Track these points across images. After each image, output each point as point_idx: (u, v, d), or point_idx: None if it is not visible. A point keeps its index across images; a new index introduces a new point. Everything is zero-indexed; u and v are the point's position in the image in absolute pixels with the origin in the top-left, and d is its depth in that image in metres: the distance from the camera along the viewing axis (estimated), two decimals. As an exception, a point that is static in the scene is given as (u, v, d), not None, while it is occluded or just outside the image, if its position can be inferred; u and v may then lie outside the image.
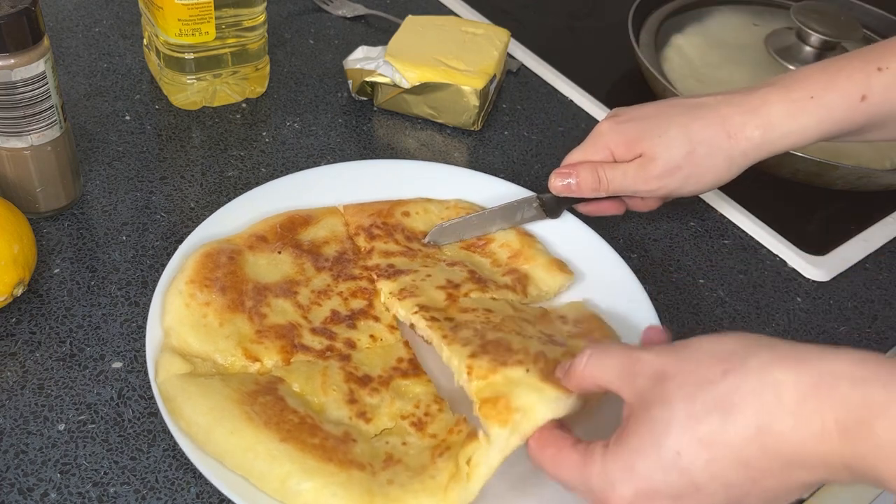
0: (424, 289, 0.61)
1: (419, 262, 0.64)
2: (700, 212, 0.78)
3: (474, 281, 0.62)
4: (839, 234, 0.77)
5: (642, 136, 0.64)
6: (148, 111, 0.79)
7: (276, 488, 0.48)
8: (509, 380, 0.49)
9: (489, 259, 0.66)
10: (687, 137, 0.63)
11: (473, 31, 0.85)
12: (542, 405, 0.48)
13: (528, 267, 0.65)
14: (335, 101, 0.84)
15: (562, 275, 0.64)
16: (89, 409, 0.56)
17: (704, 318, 0.68)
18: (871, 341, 0.68)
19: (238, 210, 0.65)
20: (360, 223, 0.66)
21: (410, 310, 0.58)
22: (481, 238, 0.67)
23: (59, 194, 0.67)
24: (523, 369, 0.50)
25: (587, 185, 0.65)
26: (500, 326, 0.55)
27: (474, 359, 0.51)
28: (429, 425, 0.53)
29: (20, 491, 0.51)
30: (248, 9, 0.76)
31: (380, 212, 0.67)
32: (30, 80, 0.59)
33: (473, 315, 0.57)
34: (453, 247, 0.66)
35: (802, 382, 0.39)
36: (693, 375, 0.41)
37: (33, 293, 0.62)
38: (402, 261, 0.64)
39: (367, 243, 0.65)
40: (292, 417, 0.51)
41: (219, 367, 0.55)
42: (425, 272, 0.62)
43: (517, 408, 0.48)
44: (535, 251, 0.66)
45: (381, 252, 0.64)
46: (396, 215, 0.67)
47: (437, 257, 0.65)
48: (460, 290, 0.61)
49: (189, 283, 0.58)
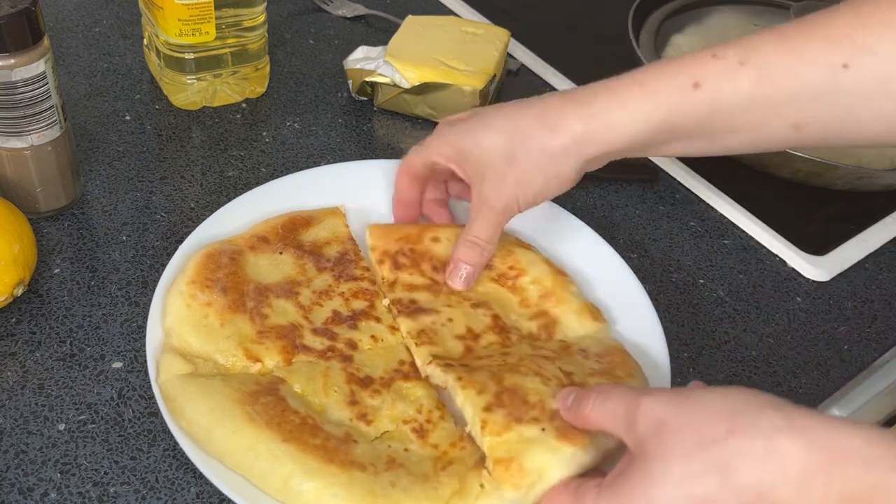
0: (443, 336, 0.58)
1: (442, 301, 0.61)
2: (700, 212, 0.78)
3: (496, 331, 0.59)
4: (839, 234, 0.77)
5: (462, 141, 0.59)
6: (148, 111, 0.79)
7: (277, 488, 0.48)
8: (524, 438, 0.48)
9: (518, 297, 0.62)
10: (506, 138, 0.57)
11: (473, 31, 0.85)
12: (557, 466, 0.47)
13: (558, 311, 0.61)
14: (335, 101, 0.84)
15: (594, 323, 0.60)
16: (89, 409, 0.56)
17: (704, 318, 0.68)
18: (870, 341, 0.68)
19: (238, 210, 0.65)
20: (386, 248, 0.63)
21: (425, 360, 0.56)
22: (513, 268, 0.63)
23: (59, 194, 0.67)
24: (539, 428, 0.49)
25: (477, 258, 0.60)
26: (517, 367, 0.53)
27: (489, 413, 0.50)
28: (430, 433, 0.53)
29: (20, 491, 0.51)
30: (248, 9, 0.76)
31: (408, 236, 0.64)
32: (30, 80, 0.59)
33: (488, 361, 0.55)
34: (482, 278, 0.62)
35: (811, 458, 0.38)
36: (695, 431, 0.40)
37: (33, 293, 0.62)
38: (426, 297, 0.61)
39: (392, 273, 0.62)
40: (293, 418, 0.51)
41: (220, 367, 0.55)
42: (447, 315, 0.59)
43: (531, 470, 0.47)
44: (569, 294, 0.62)
45: (404, 285, 0.61)
46: (425, 241, 0.64)
47: (463, 294, 0.61)
48: (479, 342, 0.58)
49: (190, 283, 0.58)
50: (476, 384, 0.52)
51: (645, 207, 0.78)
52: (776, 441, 0.38)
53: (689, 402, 0.42)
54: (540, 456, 0.47)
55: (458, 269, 0.61)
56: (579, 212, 0.69)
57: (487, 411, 0.50)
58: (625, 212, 0.77)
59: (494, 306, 0.61)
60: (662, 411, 0.42)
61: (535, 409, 0.50)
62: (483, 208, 0.59)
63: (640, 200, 0.78)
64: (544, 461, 0.47)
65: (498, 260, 0.63)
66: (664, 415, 0.41)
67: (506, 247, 0.64)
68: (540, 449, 0.48)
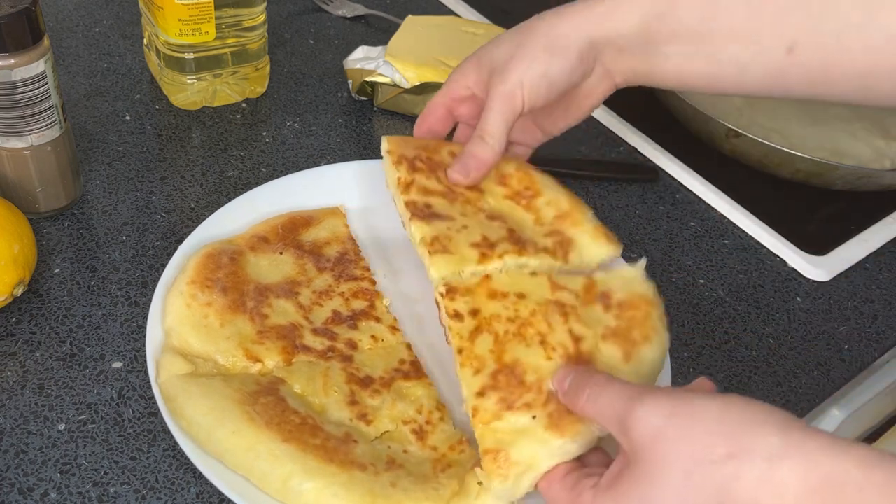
0: (458, 243, 0.56)
1: (458, 209, 0.59)
2: (700, 212, 0.78)
3: (512, 241, 0.57)
4: (839, 234, 0.77)
5: (483, 54, 0.61)
6: (148, 111, 0.79)
7: (277, 488, 0.48)
8: (514, 428, 0.48)
9: (533, 215, 0.61)
10: (516, 35, 0.60)
11: (473, 31, 0.85)
12: (545, 457, 0.47)
13: (574, 231, 0.60)
14: (335, 101, 0.84)
15: (608, 244, 0.59)
16: (89, 409, 0.56)
17: (704, 318, 0.68)
18: (871, 341, 0.68)
19: (238, 210, 0.65)
20: (403, 152, 0.61)
21: (438, 287, 0.54)
22: (528, 188, 0.62)
23: (59, 194, 0.67)
24: (530, 416, 0.48)
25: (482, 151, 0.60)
26: (526, 325, 0.52)
27: (481, 399, 0.49)
28: (430, 435, 0.53)
29: (20, 491, 0.51)
30: (248, 9, 0.76)
31: (426, 146, 0.62)
32: (30, 80, 0.59)
33: (502, 305, 0.53)
34: (497, 195, 0.61)
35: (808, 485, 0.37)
36: (692, 448, 0.40)
37: (33, 293, 0.62)
38: (441, 203, 0.59)
39: (408, 175, 0.60)
40: (293, 418, 0.51)
41: (220, 367, 0.55)
42: (462, 222, 0.58)
43: (517, 462, 0.47)
44: (584, 216, 0.61)
45: (420, 188, 0.59)
46: (443, 153, 0.62)
47: (478, 205, 0.60)
48: (495, 250, 0.56)
49: (190, 283, 0.58)
50: (475, 361, 0.51)
51: (645, 207, 0.78)
52: (774, 467, 0.38)
53: (686, 412, 0.41)
54: (528, 447, 0.47)
55: (459, 161, 0.60)
56: (579, 212, 0.69)
57: (480, 396, 0.49)
58: (625, 212, 0.77)
59: (509, 221, 0.60)
60: (659, 422, 0.41)
61: (529, 393, 0.49)
62: (489, 99, 0.59)
63: (640, 200, 0.78)
64: (532, 452, 0.47)
65: (514, 180, 0.62)
66: (661, 425, 0.41)
67: (522, 168, 0.63)
68: (528, 440, 0.47)
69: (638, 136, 0.84)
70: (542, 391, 0.49)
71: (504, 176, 0.63)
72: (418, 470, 0.51)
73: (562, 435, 0.47)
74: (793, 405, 0.63)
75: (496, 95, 0.59)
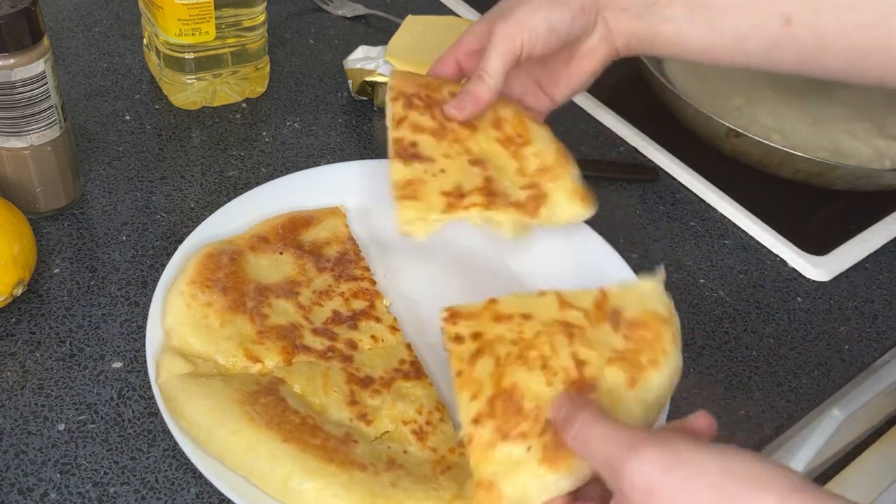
0: (429, 189, 0.58)
1: (443, 149, 0.60)
2: (700, 212, 0.78)
3: (485, 193, 0.58)
4: (839, 234, 0.77)
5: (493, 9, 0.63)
6: (148, 111, 0.79)
7: (277, 488, 0.48)
8: (509, 459, 0.46)
9: (518, 164, 0.61)
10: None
11: (473, 31, 0.85)
12: (537, 493, 0.45)
13: (551, 186, 0.60)
14: (335, 101, 0.84)
15: (581, 206, 0.60)
16: (89, 409, 0.55)
17: (704, 318, 0.68)
18: (871, 341, 0.68)
19: (238, 210, 0.65)
20: (403, 89, 0.62)
21: (441, 315, 0.53)
22: (521, 135, 0.62)
23: (59, 194, 0.67)
24: (525, 447, 0.46)
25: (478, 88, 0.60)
26: (529, 348, 0.50)
27: (477, 426, 0.47)
28: (430, 436, 0.53)
29: (20, 491, 0.51)
30: (248, 9, 0.75)
31: (428, 84, 0.63)
32: (29, 79, 0.59)
33: (507, 327, 0.51)
34: (489, 136, 0.62)
35: None
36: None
37: (33, 293, 0.62)
38: (428, 141, 0.60)
39: (403, 111, 0.61)
40: (293, 418, 0.51)
41: (220, 367, 0.55)
42: (442, 164, 0.59)
43: (509, 497, 0.45)
44: (566, 172, 0.61)
45: (411, 124, 0.60)
46: (444, 92, 0.63)
47: (466, 145, 0.61)
48: (463, 200, 0.58)
49: (190, 283, 0.58)
50: (472, 385, 0.49)
51: (645, 207, 0.78)
52: None
53: (684, 469, 0.39)
54: (521, 481, 0.45)
55: (458, 97, 0.61)
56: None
57: (476, 423, 0.48)
58: (625, 212, 0.77)
59: (491, 167, 0.60)
60: (651, 478, 0.39)
61: (526, 422, 0.47)
62: (491, 42, 0.60)
63: (640, 200, 0.78)
64: (525, 486, 0.45)
65: (509, 126, 0.63)
66: (653, 482, 0.39)
67: (519, 115, 0.64)
68: (522, 473, 0.46)
69: (638, 136, 0.84)
70: (538, 420, 0.47)
71: (500, 119, 0.63)
72: (418, 470, 0.51)
73: (556, 470, 0.45)
74: (793, 405, 0.63)
75: (497, 36, 0.60)
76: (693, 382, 0.63)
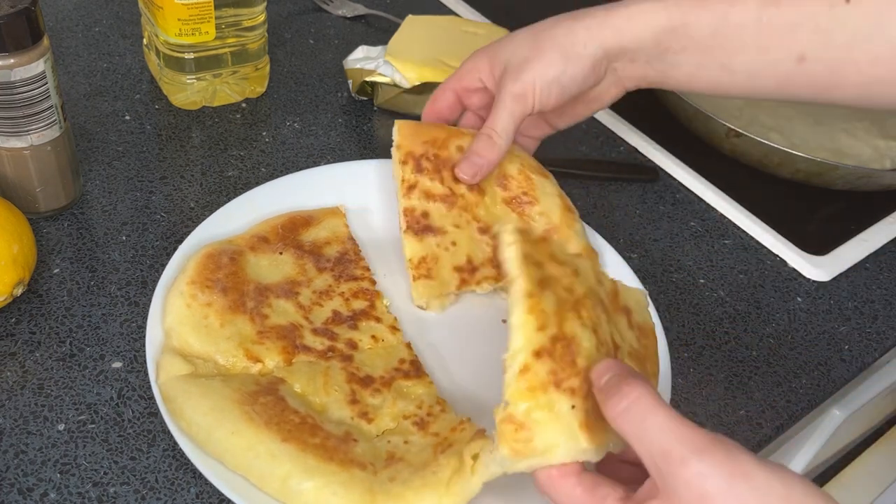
0: (442, 266, 0.61)
1: (452, 219, 0.63)
2: (700, 212, 0.78)
3: (493, 264, 0.62)
4: (839, 234, 0.77)
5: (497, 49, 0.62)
6: (148, 111, 0.79)
7: (276, 488, 0.48)
8: (550, 407, 0.43)
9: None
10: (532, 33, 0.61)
11: (473, 31, 0.85)
12: (562, 453, 0.42)
13: None
14: (335, 101, 0.84)
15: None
16: (89, 409, 0.55)
17: (704, 318, 0.68)
18: (871, 341, 0.68)
19: (238, 210, 0.65)
20: (412, 149, 0.64)
21: (507, 228, 0.47)
22: (527, 194, 0.64)
23: (59, 194, 0.67)
24: (570, 404, 0.43)
25: (489, 151, 0.61)
26: (580, 305, 0.46)
27: (536, 360, 0.43)
28: (431, 424, 0.53)
29: (20, 491, 0.51)
30: (248, 9, 0.75)
31: (435, 140, 0.64)
32: (29, 79, 0.59)
33: (561, 271, 0.47)
34: (496, 197, 0.65)
35: None
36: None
37: (33, 293, 0.62)
38: (439, 210, 0.63)
39: (413, 176, 0.63)
40: (293, 417, 0.51)
41: (220, 367, 0.55)
42: (453, 236, 0.62)
43: (535, 448, 0.42)
44: (572, 232, 0.62)
45: (422, 191, 0.63)
46: (451, 148, 0.64)
47: (475, 212, 0.63)
48: (475, 275, 0.61)
49: (190, 283, 0.58)
50: (541, 315, 0.44)
51: (645, 207, 0.78)
52: None
53: (744, 483, 0.38)
54: (553, 437, 0.42)
55: (467, 160, 0.62)
56: (579, 211, 0.69)
57: (536, 357, 0.43)
58: (625, 212, 0.77)
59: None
60: (712, 486, 0.38)
61: (576, 378, 0.43)
62: (500, 97, 0.60)
63: (640, 200, 0.78)
64: (555, 443, 0.42)
65: (514, 183, 0.65)
66: (714, 490, 0.38)
67: (524, 171, 0.65)
68: (558, 429, 0.42)
69: (638, 136, 0.84)
70: (587, 381, 0.44)
71: (506, 176, 0.65)
72: (419, 458, 0.50)
73: (591, 440, 0.43)
74: (793, 405, 0.63)
75: (508, 94, 0.60)
76: (693, 382, 0.63)
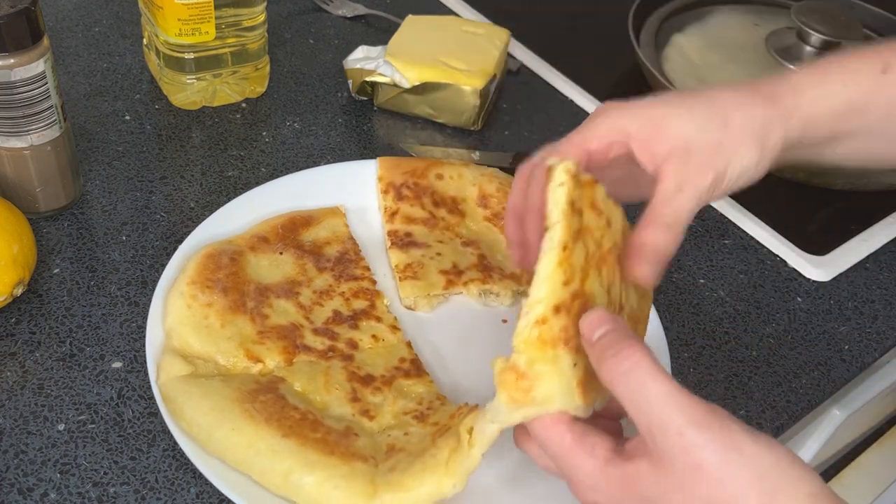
0: (427, 270, 0.63)
1: (436, 236, 0.66)
2: (700, 212, 0.78)
3: (479, 269, 0.63)
4: (839, 234, 0.77)
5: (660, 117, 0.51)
6: (148, 111, 0.79)
7: (278, 484, 0.48)
8: (554, 362, 0.42)
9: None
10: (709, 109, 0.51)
11: (473, 31, 0.85)
12: (560, 406, 0.43)
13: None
14: (335, 101, 0.84)
15: None
16: (89, 409, 0.55)
17: (704, 318, 0.68)
18: (871, 341, 0.68)
19: (238, 210, 0.65)
20: (392, 180, 0.68)
21: (561, 178, 0.43)
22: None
23: (59, 194, 0.67)
24: (573, 362, 0.43)
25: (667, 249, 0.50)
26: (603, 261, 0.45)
27: (555, 314, 0.42)
28: (431, 416, 0.53)
29: (20, 491, 0.51)
30: (248, 9, 0.75)
31: (414, 171, 0.69)
32: (29, 79, 0.59)
33: (597, 222, 0.45)
34: (477, 217, 0.68)
35: None
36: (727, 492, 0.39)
37: (33, 293, 0.62)
38: (421, 231, 0.66)
39: (394, 203, 0.67)
40: (293, 414, 0.51)
41: (220, 368, 0.55)
42: (437, 249, 0.65)
43: (534, 398, 0.42)
44: None
45: (403, 216, 0.66)
46: (430, 177, 0.68)
47: (457, 230, 0.66)
48: (461, 277, 0.63)
49: (191, 284, 0.58)
50: (569, 269, 0.43)
51: (645, 207, 0.77)
52: None
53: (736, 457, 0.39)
54: (551, 391, 0.42)
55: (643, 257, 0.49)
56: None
57: (555, 312, 0.42)
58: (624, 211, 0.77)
59: (483, 246, 0.65)
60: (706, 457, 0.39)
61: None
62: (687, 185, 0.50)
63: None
64: (552, 397, 0.42)
65: (495, 201, 0.68)
66: (706, 461, 0.39)
67: (503, 188, 0.68)
68: (558, 384, 0.42)
69: (638, 136, 0.84)
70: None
71: (486, 196, 0.68)
72: (419, 447, 0.50)
73: (585, 399, 0.43)
74: (793, 405, 0.63)
75: (695, 182, 0.51)
76: (693, 382, 0.63)
